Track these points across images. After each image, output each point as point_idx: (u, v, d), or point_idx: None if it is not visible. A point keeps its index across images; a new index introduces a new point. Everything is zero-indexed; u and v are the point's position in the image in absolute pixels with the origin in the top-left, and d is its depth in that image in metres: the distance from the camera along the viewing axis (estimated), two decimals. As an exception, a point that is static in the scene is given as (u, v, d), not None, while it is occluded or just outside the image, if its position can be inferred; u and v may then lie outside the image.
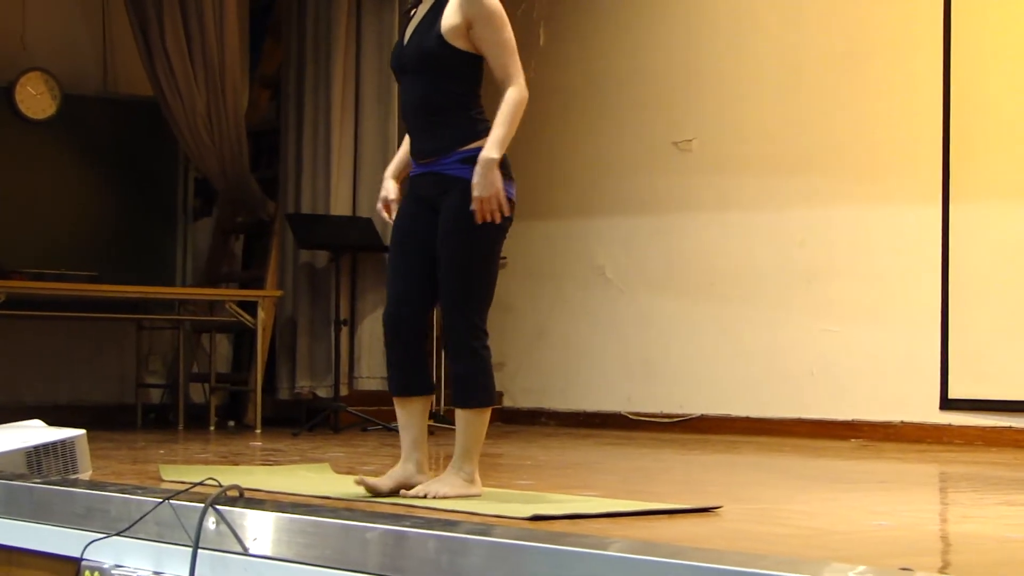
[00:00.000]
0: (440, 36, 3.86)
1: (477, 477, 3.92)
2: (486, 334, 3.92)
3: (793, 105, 7.95)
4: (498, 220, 3.78)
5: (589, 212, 8.91)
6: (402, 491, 3.82)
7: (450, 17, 3.87)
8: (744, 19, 8.18)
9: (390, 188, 4.11)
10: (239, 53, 8.51)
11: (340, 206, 8.44)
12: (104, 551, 3.45)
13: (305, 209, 8.48)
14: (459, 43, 3.87)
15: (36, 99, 8.43)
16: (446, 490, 3.80)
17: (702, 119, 8.35)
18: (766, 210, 8.04)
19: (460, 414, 3.90)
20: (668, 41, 8.52)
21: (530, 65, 9.07)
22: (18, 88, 8.36)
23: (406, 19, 4.14)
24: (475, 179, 3.74)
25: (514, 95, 3.85)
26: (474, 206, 3.75)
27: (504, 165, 3.89)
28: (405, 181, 4.15)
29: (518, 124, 3.86)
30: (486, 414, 3.91)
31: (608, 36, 8.82)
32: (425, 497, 3.75)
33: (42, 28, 8.58)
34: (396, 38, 4.24)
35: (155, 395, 8.80)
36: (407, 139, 4.16)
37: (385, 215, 4.10)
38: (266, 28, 9.24)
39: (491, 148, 3.77)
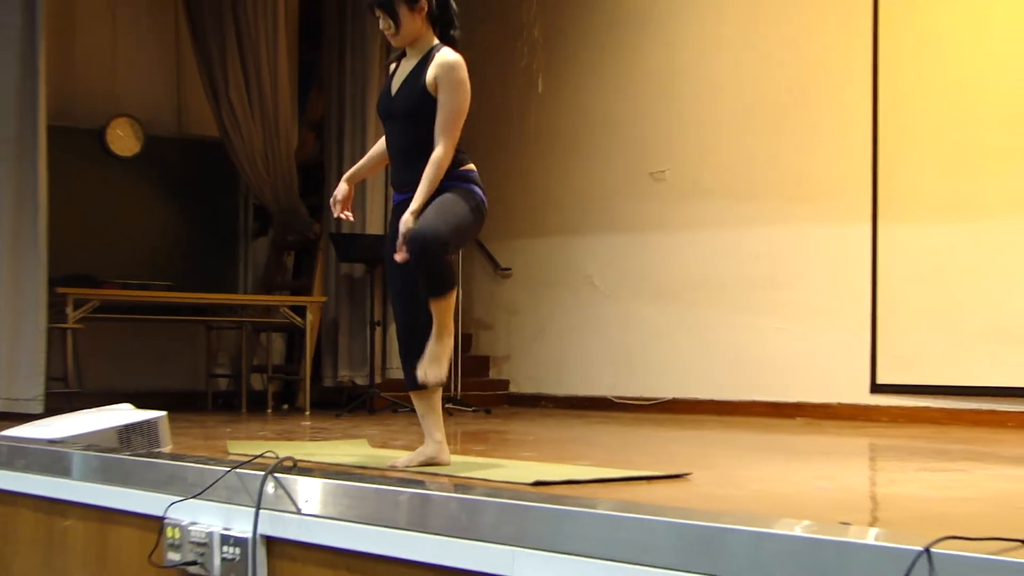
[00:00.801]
0: (425, 88, 3.82)
1: (450, 342, 3.86)
2: (447, 244, 3.77)
3: (747, 142, 7.95)
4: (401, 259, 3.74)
5: (580, 231, 8.91)
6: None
7: (430, 74, 3.81)
8: (705, 71, 8.19)
9: (342, 188, 4.05)
10: (290, 101, 8.53)
11: (374, 226, 8.45)
12: (182, 511, 3.47)
13: (345, 229, 8.48)
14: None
15: (123, 140, 8.46)
16: (436, 443, 3.86)
17: (673, 154, 8.35)
18: (726, 229, 8.05)
19: (432, 303, 3.78)
20: (645, 88, 8.53)
21: (530, 109, 9.16)
22: (108, 131, 8.39)
23: (386, 72, 4.07)
24: (405, 224, 3.69)
25: (438, 154, 3.76)
26: (402, 241, 3.69)
27: (474, 179, 3.88)
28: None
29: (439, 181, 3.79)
30: (451, 297, 3.82)
31: (596, 84, 8.83)
32: (430, 463, 3.80)
33: (128, 81, 8.62)
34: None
35: (222, 383, 8.83)
36: (368, 156, 4.17)
37: (336, 211, 4.04)
38: (312, 80, 9.27)
39: (414, 203, 3.72)
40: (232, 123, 8.16)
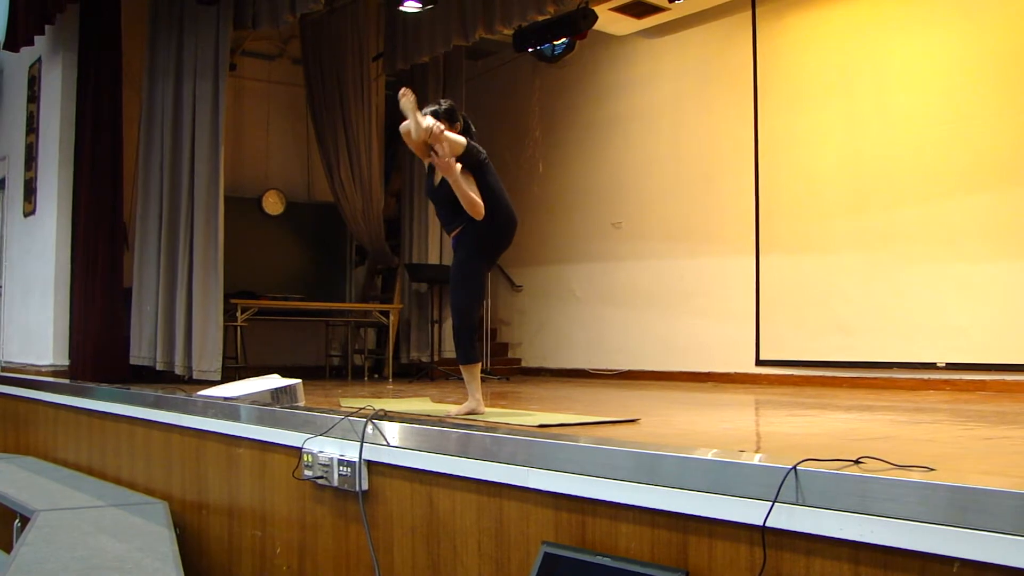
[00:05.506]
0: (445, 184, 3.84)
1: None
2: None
3: (674, 202, 7.97)
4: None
5: (567, 260, 8.93)
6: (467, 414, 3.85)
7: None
8: (648, 156, 8.22)
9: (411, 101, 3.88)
10: (379, 179, 8.54)
11: (433, 258, 8.49)
12: (314, 444, 3.50)
13: (415, 260, 8.55)
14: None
15: (273, 204, 8.49)
16: (475, 400, 3.81)
17: (627, 210, 8.38)
18: (660, 259, 8.06)
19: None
20: (609, 168, 8.57)
21: (534, 182, 9.18)
22: (263, 198, 8.44)
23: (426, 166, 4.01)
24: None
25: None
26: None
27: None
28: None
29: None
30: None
31: (577, 165, 8.87)
32: (472, 413, 3.78)
33: (276, 166, 8.67)
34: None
35: (335, 360, 8.85)
36: None
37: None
38: (393, 164, 9.32)
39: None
40: (342, 193, 8.20)
